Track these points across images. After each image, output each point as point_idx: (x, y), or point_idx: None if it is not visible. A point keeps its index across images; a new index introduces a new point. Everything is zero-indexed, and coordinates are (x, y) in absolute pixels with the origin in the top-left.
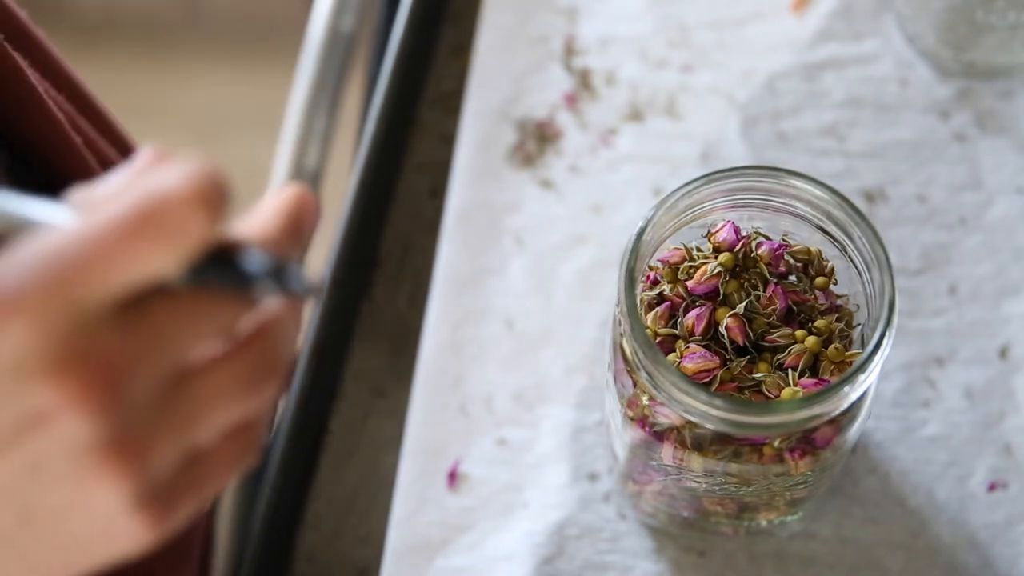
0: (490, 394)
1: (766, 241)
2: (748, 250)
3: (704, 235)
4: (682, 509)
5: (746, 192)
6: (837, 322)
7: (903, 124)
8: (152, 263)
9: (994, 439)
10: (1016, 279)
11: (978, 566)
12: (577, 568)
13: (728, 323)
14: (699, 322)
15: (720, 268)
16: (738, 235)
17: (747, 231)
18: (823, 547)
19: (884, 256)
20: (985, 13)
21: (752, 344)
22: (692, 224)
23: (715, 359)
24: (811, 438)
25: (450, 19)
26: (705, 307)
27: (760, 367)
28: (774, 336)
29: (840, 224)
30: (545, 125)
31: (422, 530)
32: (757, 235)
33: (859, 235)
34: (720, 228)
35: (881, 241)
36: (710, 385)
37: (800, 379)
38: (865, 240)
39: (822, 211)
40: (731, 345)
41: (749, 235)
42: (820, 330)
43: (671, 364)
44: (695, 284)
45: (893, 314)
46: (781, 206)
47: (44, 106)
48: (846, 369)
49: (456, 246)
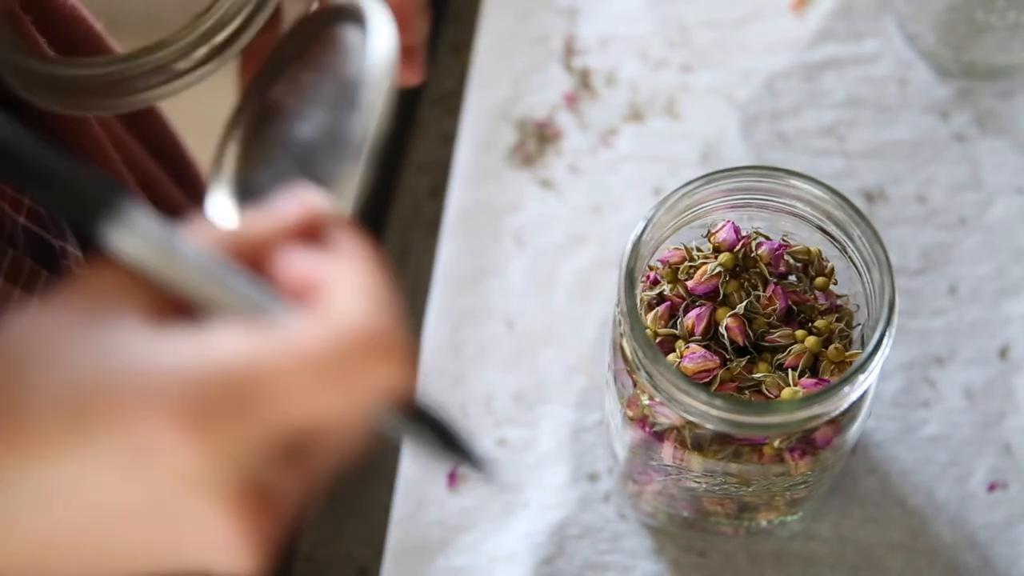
0: (490, 394)
1: (766, 241)
2: (748, 250)
3: (704, 235)
4: (682, 509)
5: (746, 192)
6: (837, 322)
7: (903, 124)
8: (337, 411)
9: (994, 439)
10: (1016, 279)
11: (978, 566)
12: (577, 568)
13: (728, 323)
14: (699, 322)
15: (720, 268)
16: (738, 235)
17: (747, 231)
18: (823, 547)
19: (884, 256)
20: (985, 13)
21: (752, 344)
22: (692, 224)
23: (715, 359)
24: (811, 438)
25: (450, 19)
26: (705, 307)
27: (760, 367)
28: (774, 336)
29: (840, 224)
30: (545, 125)
31: (422, 530)
32: (757, 235)
33: (859, 235)
34: (720, 228)
35: (881, 241)
36: (710, 385)
37: (800, 379)
38: (865, 240)
39: (822, 211)
40: (731, 345)
41: (749, 235)
42: (820, 330)
43: (671, 364)
44: (695, 284)
45: (893, 314)
46: (781, 206)
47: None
48: (846, 369)
49: (456, 246)
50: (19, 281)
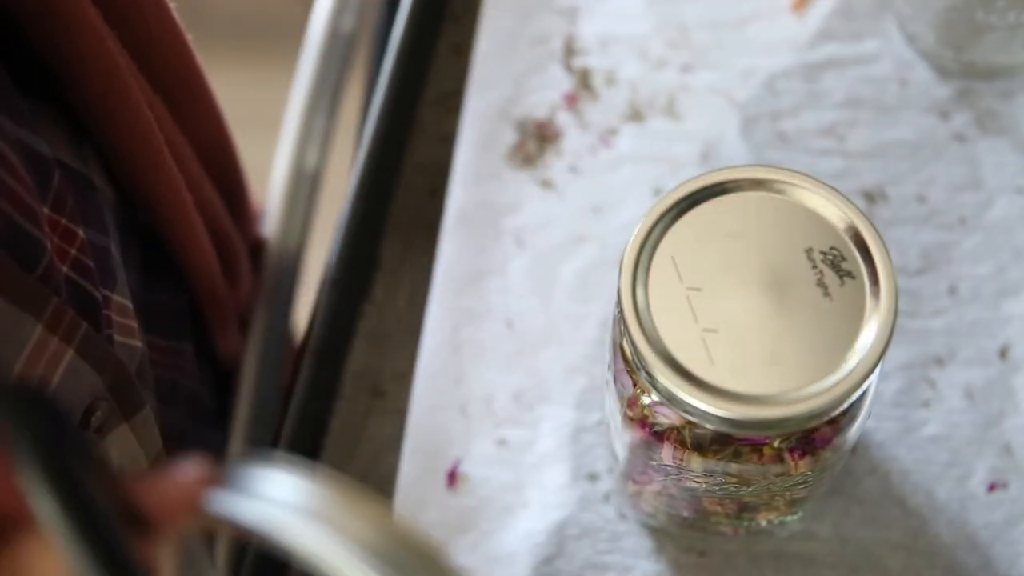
0: (490, 394)
1: None
2: None
3: None
4: (682, 509)
5: None
6: None
7: (903, 124)
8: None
9: (994, 439)
10: (1016, 279)
11: (978, 566)
12: (577, 568)
13: None
14: None
15: None
16: None
17: None
18: (823, 547)
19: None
20: (985, 13)
21: None
22: None
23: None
24: (811, 438)
25: (450, 19)
26: None
27: None
28: None
29: None
30: (545, 125)
31: (422, 530)
32: None
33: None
34: None
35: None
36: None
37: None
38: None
39: None
40: None
41: None
42: None
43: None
44: None
45: (894, 325)
46: None
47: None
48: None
49: (456, 246)
50: (58, 331)
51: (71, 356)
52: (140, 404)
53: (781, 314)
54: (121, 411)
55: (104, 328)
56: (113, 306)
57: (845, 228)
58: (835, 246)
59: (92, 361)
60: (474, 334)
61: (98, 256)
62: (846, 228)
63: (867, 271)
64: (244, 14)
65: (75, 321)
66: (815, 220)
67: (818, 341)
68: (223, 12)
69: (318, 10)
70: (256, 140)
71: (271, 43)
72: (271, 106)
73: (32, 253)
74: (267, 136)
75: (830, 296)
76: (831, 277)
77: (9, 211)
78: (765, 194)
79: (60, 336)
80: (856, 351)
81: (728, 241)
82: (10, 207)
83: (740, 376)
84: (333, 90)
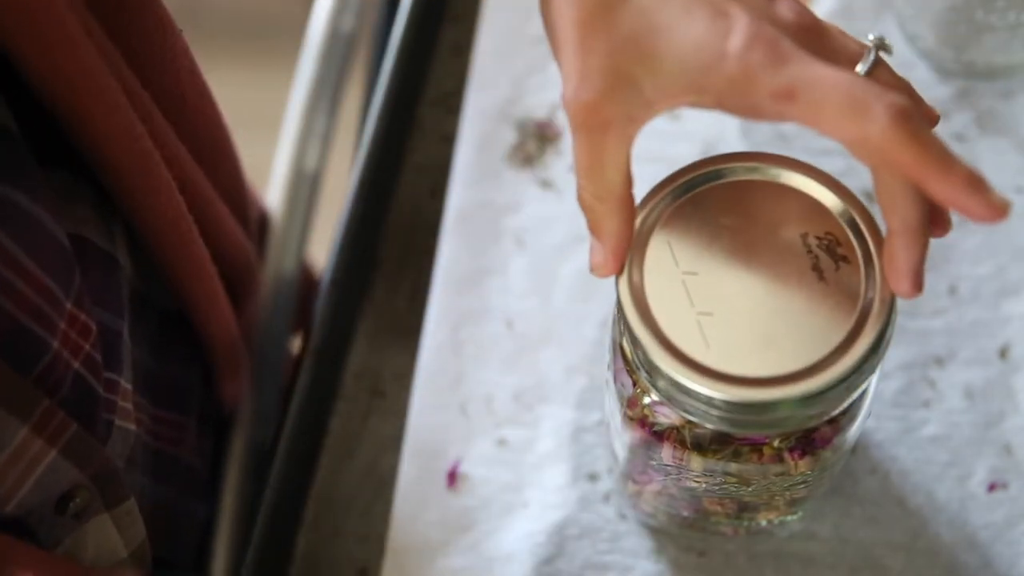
0: (490, 394)
1: None
2: None
3: None
4: (682, 509)
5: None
6: None
7: None
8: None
9: (994, 439)
10: (1016, 279)
11: (978, 566)
12: (577, 568)
13: None
14: None
15: None
16: None
17: None
18: (823, 547)
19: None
20: (985, 13)
21: None
22: None
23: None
24: (811, 438)
25: (450, 19)
26: None
27: None
28: None
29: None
30: (545, 125)
31: (422, 530)
32: None
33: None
34: None
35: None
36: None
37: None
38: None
39: None
40: None
41: None
42: None
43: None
44: None
45: (893, 314)
46: None
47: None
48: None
49: (456, 246)
50: (44, 433)
51: (53, 456)
52: (124, 496)
53: (776, 298)
54: (103, 500)
55: (103, 414)
56: (119, 391)
57: (840, 213)
58: (830, 231)
59: (75, 459)
60: (474, 334)
61: (108, 342)
62: (841, 213)
63: (862, 255)
64: (244, 14)
65: (64, 422)
66: (810, 205)
67: (813, 324)
68: (223, 12)
69: (318, 10)
70: (256, 140)
71: (271, 43)
72: (271, 106)
73: (31, 352)
74: (267, 136)
75: (825, 280)
76: (826, 261)
77: (12, 311)
78: (760, 180)
79: (45, 438)
80: (851, 333)
81: (724, 226)
82: (13, 307)
83: (735, 358)
84: (333, 90)
